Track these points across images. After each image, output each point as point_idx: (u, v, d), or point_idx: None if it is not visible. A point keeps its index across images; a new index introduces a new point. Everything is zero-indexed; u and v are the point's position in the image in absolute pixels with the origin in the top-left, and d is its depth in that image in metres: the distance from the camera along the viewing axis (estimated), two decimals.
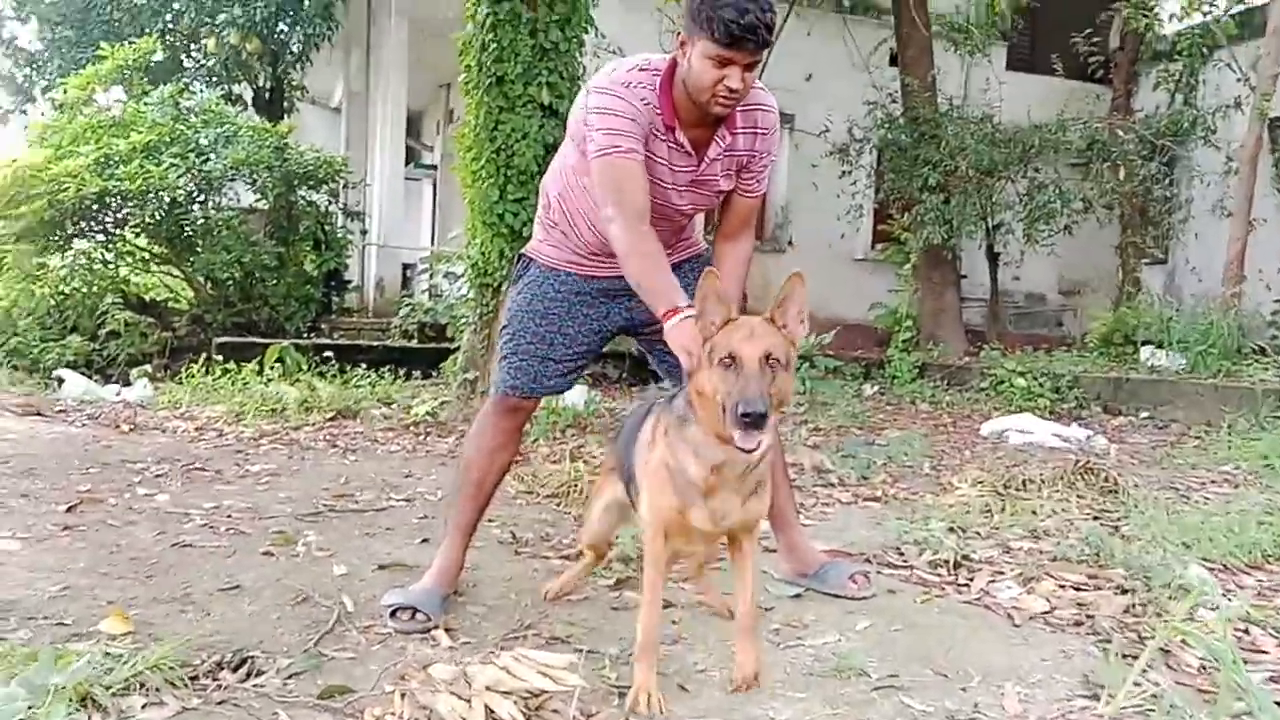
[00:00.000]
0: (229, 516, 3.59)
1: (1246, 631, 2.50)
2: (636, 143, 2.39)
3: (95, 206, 8.85)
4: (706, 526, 2.12)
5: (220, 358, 7.86)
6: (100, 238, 9.40)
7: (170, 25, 13.11)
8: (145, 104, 9.36)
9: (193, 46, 13.58)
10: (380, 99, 13.16)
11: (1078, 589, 2.86)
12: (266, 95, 13.91)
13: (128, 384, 7.68)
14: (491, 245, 6.12)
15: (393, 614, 2.46)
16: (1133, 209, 11.76)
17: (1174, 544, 3.21)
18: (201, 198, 9.62)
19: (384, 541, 3.33)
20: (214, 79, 13.26)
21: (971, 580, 2.98)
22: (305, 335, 9.61)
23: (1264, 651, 2.38)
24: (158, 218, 9.17)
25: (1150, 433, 6.61)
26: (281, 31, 12.74)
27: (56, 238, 9.02)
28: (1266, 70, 9.50)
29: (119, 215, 9.15)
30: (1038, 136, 10.71)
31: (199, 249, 9.32)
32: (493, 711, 1.74)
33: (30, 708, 1.73)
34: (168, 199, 9.04)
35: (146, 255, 9.68)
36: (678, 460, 2.08)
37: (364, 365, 8.07)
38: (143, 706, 1.89)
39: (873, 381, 9.79)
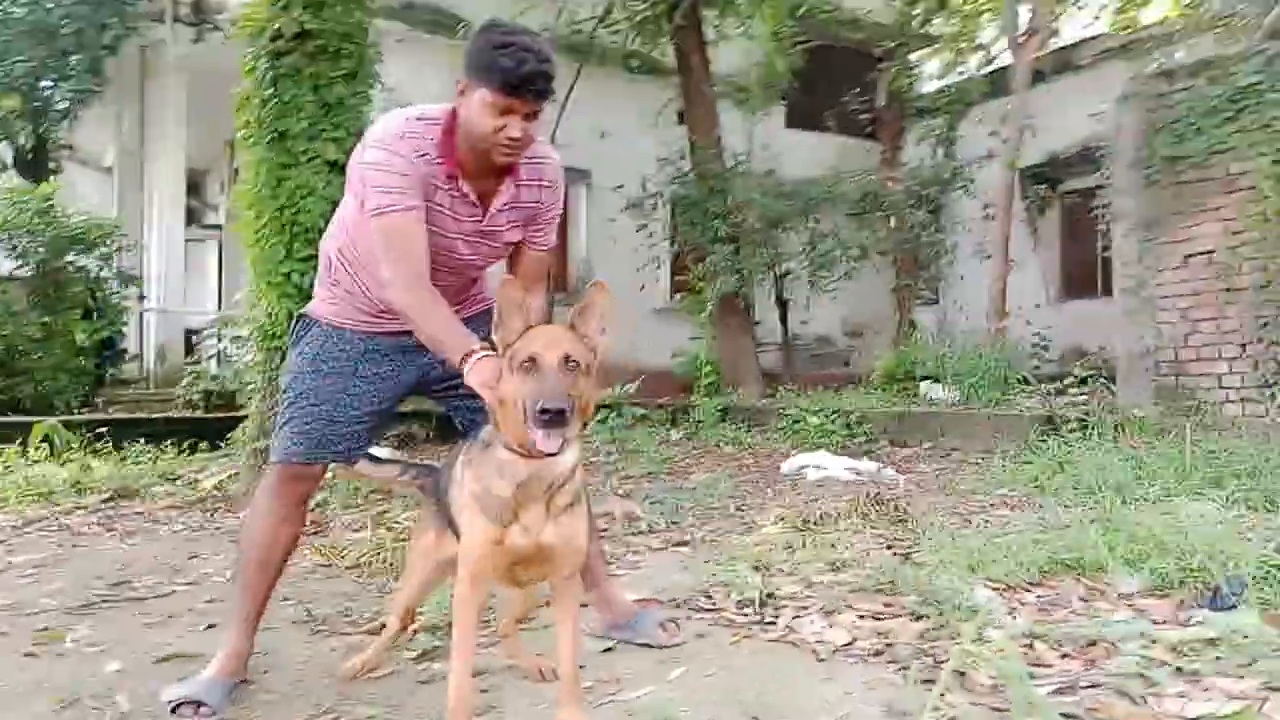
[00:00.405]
0: None
1: (1031, 646, 2.63)
2: (413, 198, 2.34)
3: None
4: (521, 542, 2.02)
5: None
6: None
7: None
8: None
9: None
10: (158, 157, 12.47)
11: (876, 618, 2.96)
12: (29, 155, 12.91)
13: None
14: (279, 306, 5.86)
15: (174, 710, 2.26)
16: (905, 255, 12.62)
17: (960, 567, 3.37)
18: None
19: (166, 631, 3.07)
20: None
21: (777, 617, 3.03)
22: (77, 410, 8.90)
23: (1049, 665, 2.51)
24: None
25: (934, 461, 7.01)
26: (45, 88, 11.89)
27: None
28: (1013, 125, 10.48)
29: None
30: (817, 190, 11.35)
31: None
32: None
33: None
34: None
35: None
36: (485, 483, 2.02)
37: (144, 440, 7.53)
38: None
39: (679, 427, 9.96)
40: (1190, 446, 5.03)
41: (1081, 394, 7.76)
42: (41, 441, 7.13)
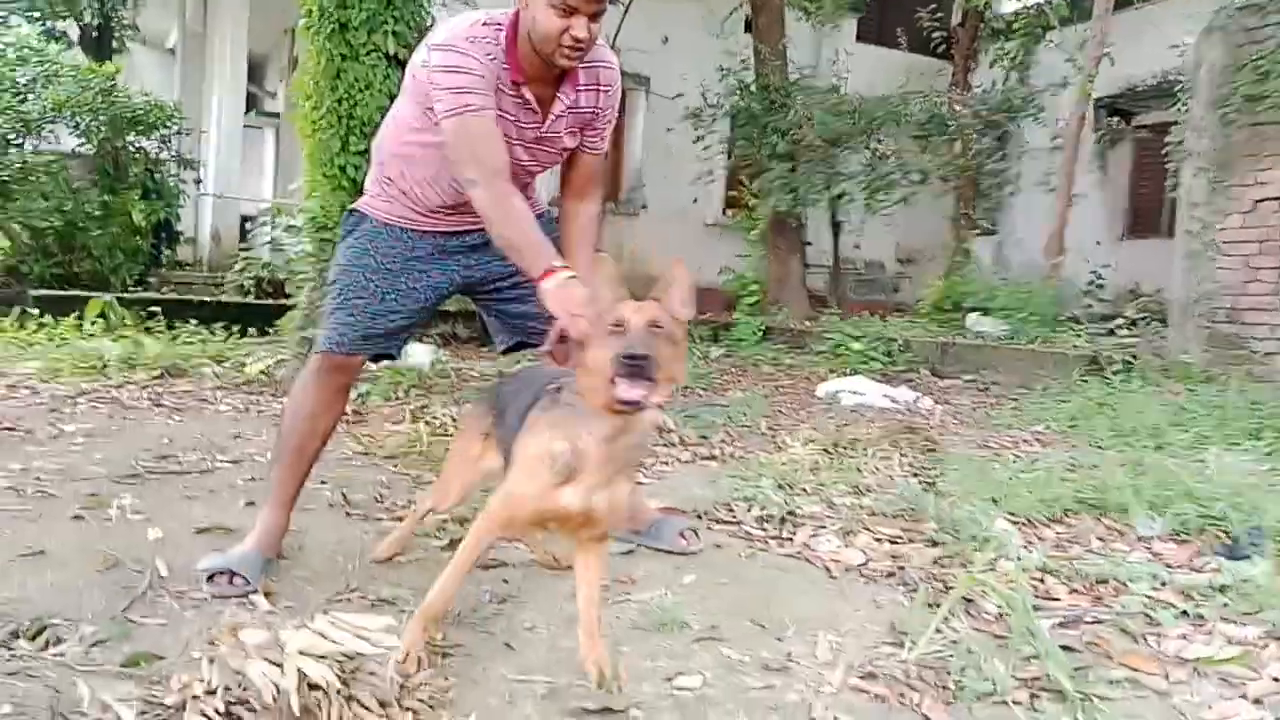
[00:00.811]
0: (37, 479, 3.37)
1: (1043, 580, 2.68)
2: (487, 99, 2.34)
3: None
4: (571, 504, 1.98)
5: (37, 311, 7.36)
6: None
7: None
8: None
9: None
10: (219, 41, 12.48)
11: (893, 542, 3.02)
12: (94, 33, 12.94)
13: None
14: (332, 199, 5.91)
15: (209, 579, 2.37)
16: (967, 182, 12.33)
17: (983, 499, 3.41)
18: (19, 140, 8.94)
19: (206, 505, 3.19)
20: (36, 13, 12.26)
21: (794, 535, 3.10)
22: (132, 289, 9.10)
23: (1056, 599, 2.56)
24: None
25: (972, 395, 6.99)
26: None
27: None
28: (1092, 53, 10.08)
29: None
30: (882, 109, 11.07)
31: (15, 195, 8.67)
32: (307, 676, 1.70)
33: None
34: None
35: None
36: (556, 434, 1.98)
37: (195, 321, 7.70)
38: None
39: (720, 344, 10.00)
40: (1235, 396, 4.97)
41: (1132, 336, 7.64)
42: (97, 317, 7.33)
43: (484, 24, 2.40)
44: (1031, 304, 8.43)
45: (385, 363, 3.25)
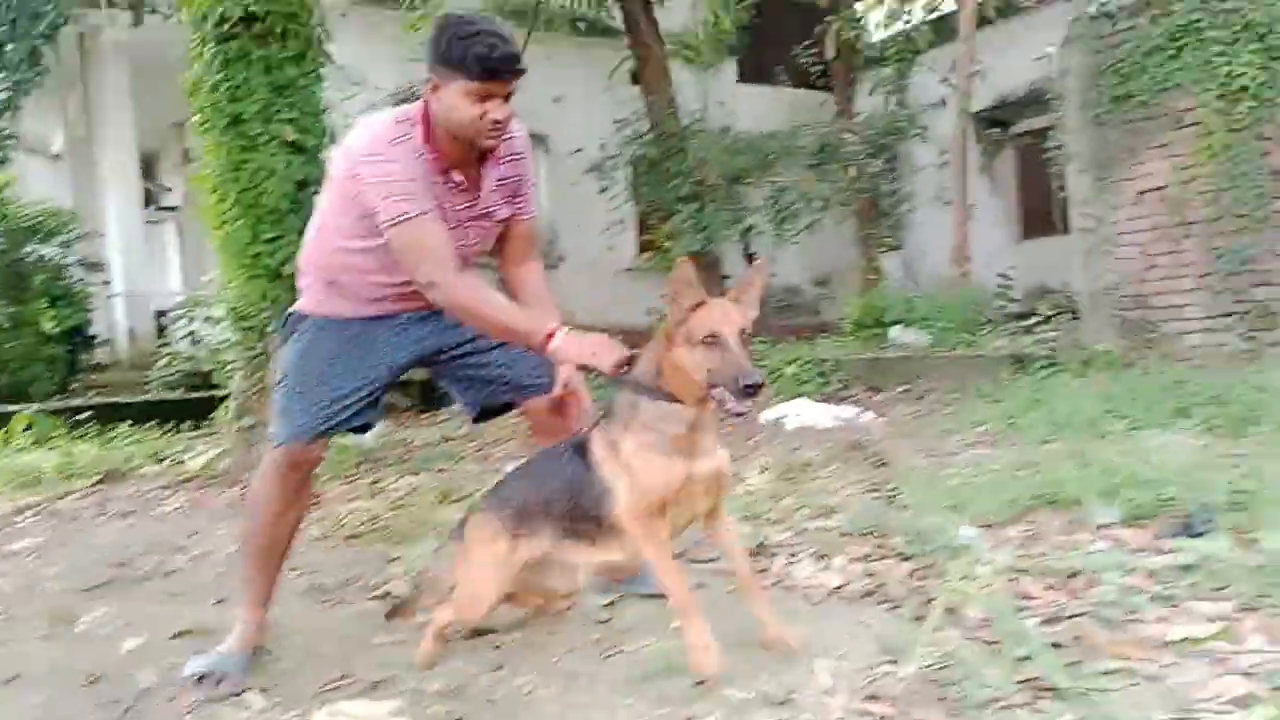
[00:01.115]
0: None
1: (1017, 580, 2.72)
2: (424, 200, 2.39)
3: None
4: (707, 467, 2.28)
5: None
6: None
7: None
8: None
9: None
10: (107, 142, 12.22)
11: (866, 560, 3.06)
12: None
13: None
14: (249, 286, 5.82)
15: (197, 681, 2.32)
16: (865, 203, 12.70)
17: (943, 507, 3.48)
18: None
19: (176, 607, 3.11)
20: None
21: (770, 565, 3.13)
22: (54, 398, 8.84)
23: (1034, 597, 2.60)
24: None
25: (909, 404, 7.12)
26: None
27: None
28: (963, 71, 10.54)
29: None
30: (775, 143, 11.38)
31: None
32: None
33: None
34: None
35: None
36: (657, 430, 2.22)
37: (127, 423, 7.52)
38: None
39: None
40: (1157, 378, 5.17)
41: (1048, 331, 7.91)
42: (24, 429, 7.10)
43: (397, 121, 2.45)
44: (949, 312, 8.68)
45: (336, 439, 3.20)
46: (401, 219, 2.35)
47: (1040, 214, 13.93)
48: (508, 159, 2.62)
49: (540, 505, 2.38)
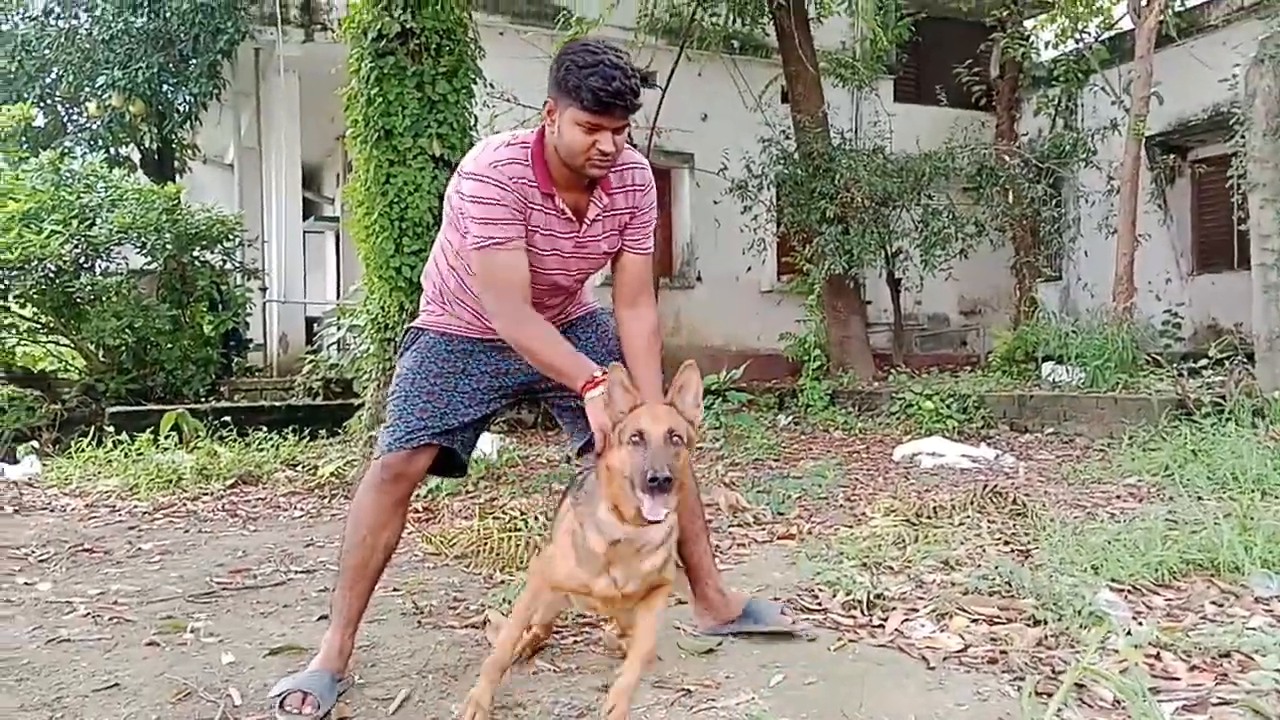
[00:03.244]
0: (115, 604, 3.36)
1: (1158, 657, 2.49)
2: (513, 228, 2.43)
3: None
4: (610, 593, 2.21)
5: (113, 428, 7.51)
6: None
7: (48, 90, 12.68)
8: (23, 171, 8.99)
9: (75, 110, 13.15)
10: (274, 154, 12.89)
11: (991, 623, 2.85)
12: (155, 156, 13.48)
13: (13, 461, 7.27)
14: (390, 299, 6.01)
15: (281, 703, 2.31)
16: (1024, 230, 12.13)
17: (1082, 568, 3.22)
18: (88, 263, 9.26)
19: (279, 621, 3.14)
20: (98, 142, 12.83)
21: (886, 620, 2.93)
22: (204, 399, 9.28)
23: (1176, 678, 2.36)
24: (42, 286, 8.79)
25: (1056, 448, 6.74)
26: (166, 92, 12.39)
27: None
28: (1138, 93, 9.93)
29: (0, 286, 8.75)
30: (928, 165, 10.99)
31: (88, 316, 8.95)
32: None
33: None
34: (51, 267, 8.70)
35: (35, 325, 9.28)
36: (582, 534, 2.21)
37: (266, 427, 7.81)
38: None
39: (787, 411, 9.84)
40: None
41: (1217, 376, 7.33)
42: (171, 430, 7.45)
43: (509, 144, 2.50)
44: (1107, 349, 8.14)
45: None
46: (484, 244, 2.42)
47: (1215, 247, 13.10)
48: (620, 190, 2.60)
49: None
